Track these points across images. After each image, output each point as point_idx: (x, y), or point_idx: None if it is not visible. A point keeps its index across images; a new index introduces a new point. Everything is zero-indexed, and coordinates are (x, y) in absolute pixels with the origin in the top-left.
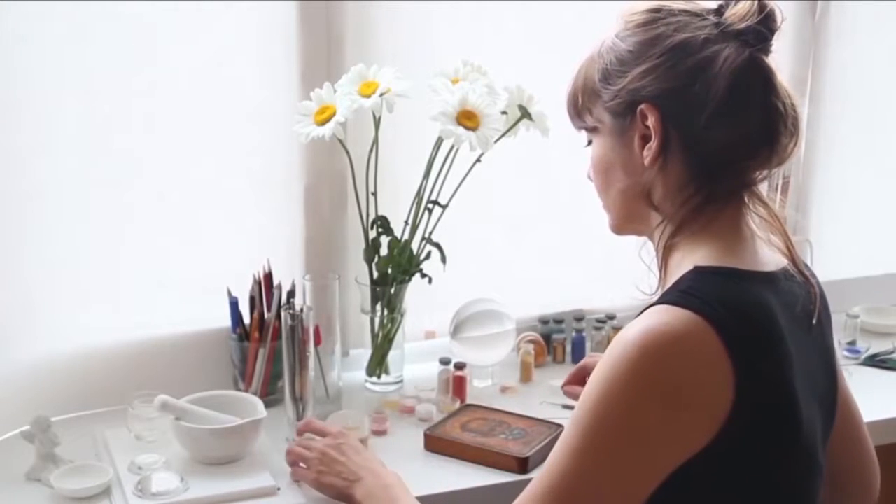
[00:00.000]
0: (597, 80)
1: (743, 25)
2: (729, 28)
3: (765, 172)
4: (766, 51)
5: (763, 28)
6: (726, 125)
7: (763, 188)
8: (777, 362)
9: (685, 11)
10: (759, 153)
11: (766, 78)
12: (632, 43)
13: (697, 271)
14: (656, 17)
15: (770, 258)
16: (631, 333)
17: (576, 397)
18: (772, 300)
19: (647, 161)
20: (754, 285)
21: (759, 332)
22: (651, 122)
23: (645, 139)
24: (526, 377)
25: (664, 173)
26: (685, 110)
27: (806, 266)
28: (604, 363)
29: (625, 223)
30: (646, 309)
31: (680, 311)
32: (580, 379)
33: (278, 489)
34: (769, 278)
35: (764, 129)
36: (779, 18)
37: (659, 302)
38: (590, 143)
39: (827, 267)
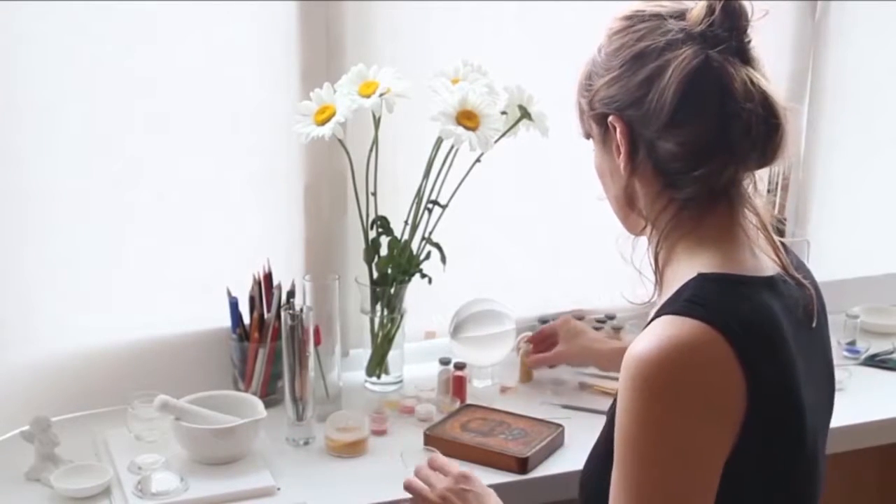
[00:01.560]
0: (578, 92)
1: (698, 29)
2: (690, 31)
3: (737, 175)
4: (732, 51)
5: (721, 29)
6: (677, 134)
7: (762, 189)
8: (784, 369)
9: (655, 16)
10: (712, 160)
11: (720, 83)
12: (604, 53)
13: (701, 278)
14: (627, 25)
15: (768, 262)
16: (643, 350)
17: (540, 364)
18: (775, 305)
19: (621, 170)
20: (757, 291)
21: (766, 339)
22: (618, 132)
23: (619, 149)
24: (526, 377)
25: (640, 182)
26: (643, 120)
27: (802, 266)
28: (625, 388)
29: (627, 226)
30: (652, 319)
31: (688, 321)
32: (546, 345)
33: (278, 489)
34: (770, 283)
35: (720, 136)
36: (746, 15)
37: (665, 312)
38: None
39: (827, 267)
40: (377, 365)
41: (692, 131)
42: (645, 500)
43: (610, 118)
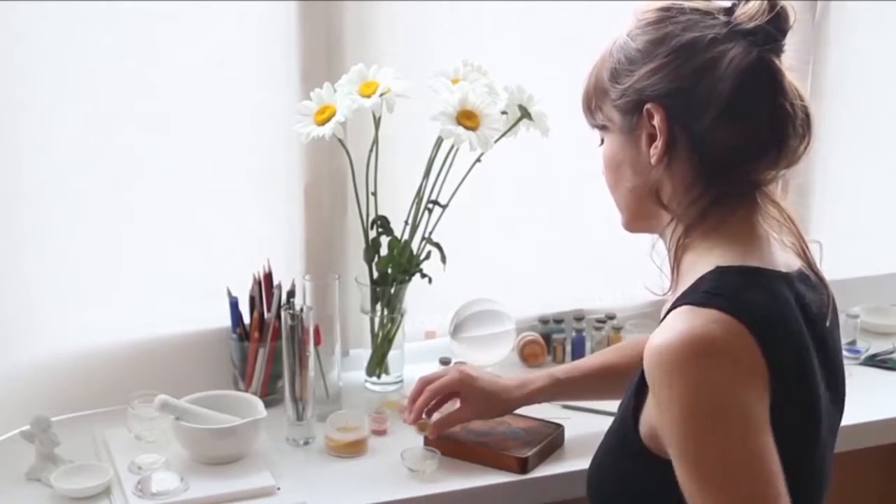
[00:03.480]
0: (606, 78)
1: (752, 25)
2: (738, 28)
3: (773, 173)
4: (777, 51)
5: (772, 28)
6: (731, 126)
7: (777, 188)
8: (802, 361)
9: (696, 10)
10: (765, 154)
11: (773, 78)
12: (641, 42)
13: (720, 271)
14: (666, 15)
15: (783, 261)
16: (663, 341)
17: (450, 427)
18: (793, 301)
19: (653, 160)
20: (774, 283)
21: (784, 330)
22: (657, 121)
23: (652, 138)
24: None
25: (671, 173)
26: (691, 110)
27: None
28: (654, 381)
29: (635, 221)
30: (669, 311)
31: (709, 311)
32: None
33: (278, 489)
34: (788, 279)
35: (771, 130)
36: (790, 18)
37: (684, 303)
38: (602, 141)
39: (827, 267)
40: (377, 365)
41: (749, 123)
42: (721, 477)
43: (647, 106)
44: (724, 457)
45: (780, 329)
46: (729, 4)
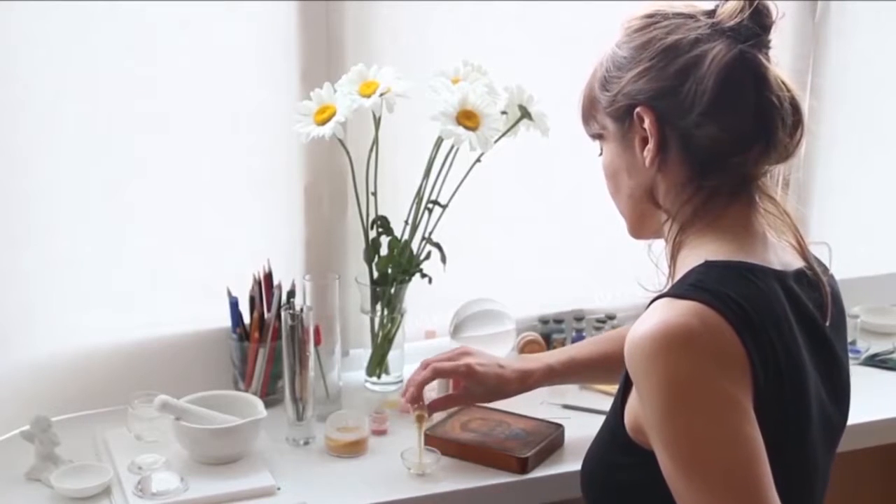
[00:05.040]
0: (597, 88)
1: (732, 23)
2: (719, 27)
3: (765, 167)
4: (760, 47)
5: (753, 24)
6: (716, 122)
7: (777, 186)
8: (790, 359)
9: (680, 14)
10: (751, 148)
11: (756, 74)
12: (627, 49)
13: (707, 265)
14: (651, 21)
15: (781, 259)
16: (643, 331)
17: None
18: (782, 297)
19: (646, 162)
20: (764, 280)
21: (767, 321)
22: (647, 123)
23: (644, 141)
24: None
25: (664, 172)
26: (678, 109)
27: (820, 264)
28: (636, 372)
29: (639, 226)
30: (653, 302)
31: (689, 303)
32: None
33: (278, 489)
34: (780, 276)
35: (757, 125)
36: (772, 14)
37: (665, 295)
38: (602, 151)
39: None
40: (377, 365)
41: (734, 117)
42: (700, 463)
43: (637, 109)
44: (701, 438)
45: (761, 322)
46: (713, 7)
